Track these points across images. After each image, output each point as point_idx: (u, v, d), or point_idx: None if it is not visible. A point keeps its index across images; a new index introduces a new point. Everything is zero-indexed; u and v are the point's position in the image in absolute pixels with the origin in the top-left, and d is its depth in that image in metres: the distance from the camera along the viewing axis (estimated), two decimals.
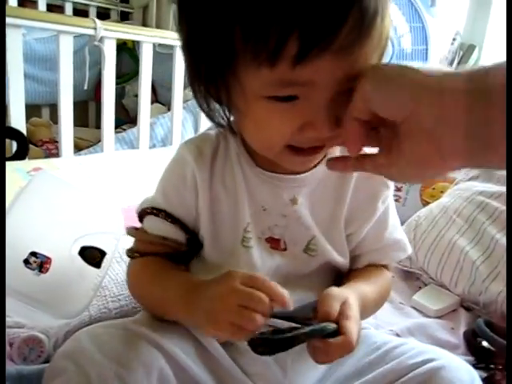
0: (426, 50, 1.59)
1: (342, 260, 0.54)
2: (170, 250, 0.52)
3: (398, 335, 0.77)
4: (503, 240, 0.86)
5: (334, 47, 0.36)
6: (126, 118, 1.99)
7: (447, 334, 0.78)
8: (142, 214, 0.54)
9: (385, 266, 0.58)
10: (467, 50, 1.67)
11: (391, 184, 0.55)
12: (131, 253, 0.54)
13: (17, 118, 1.04)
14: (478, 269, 0.86)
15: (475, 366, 0.61)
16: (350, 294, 0.46)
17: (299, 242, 0.52)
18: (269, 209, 0.51)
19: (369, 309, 0.52)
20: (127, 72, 2.02)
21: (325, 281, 0.54)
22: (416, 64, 0.38)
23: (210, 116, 0.49)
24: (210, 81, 0.43)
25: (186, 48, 0.44)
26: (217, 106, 0.47)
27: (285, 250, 0.52)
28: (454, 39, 1.66)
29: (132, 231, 0.55)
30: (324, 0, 0.35)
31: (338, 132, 0.41)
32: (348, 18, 0.36)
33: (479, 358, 0.71)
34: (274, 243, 0.52)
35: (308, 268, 0.53)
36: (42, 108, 1.96)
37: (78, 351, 0.44)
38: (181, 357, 0.47)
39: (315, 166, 0.51)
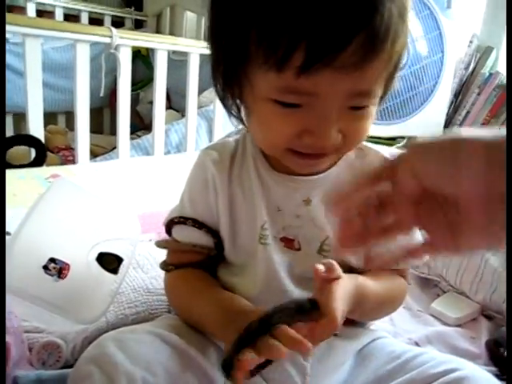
0: (442, 53, 1.57)
1: (354, 261, 0.54)
2: (202, 257, 0.54)
3: (416, 343, 0.75)
4: None
5: (337, 64, 0.38)
6: (140, 124, 2.01)
7: (467, 343, 0.77)
8: (170, 225, 0.56)
9: (401, 274, 0.58)
10: (484, 53, 1.65)
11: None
12: (165, 266, 0.56)
13: (35, 126, 1.05)
14: (501, 275, 0.84)
15: (498, 377, 0.59)
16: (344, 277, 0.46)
17: (313, 242, 0.53)
18: (283, 209, 0.53)
19: (370, 303, 0.51)
20: (141, 79, 2.04)
21: None
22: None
23: (228, 109, 0.51)
24: (227, 77, 0.47)
25: (211, 43, 0.48)
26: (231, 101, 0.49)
27: (299, 249, 0.53)
28: (470, 41, 1.65)
29: (162, 243, 0.57)
30: (334, 17, 0.37)
31: (340, 144, 0.44)
32: (353, 40, 0.37)
33: (502, 369, 0.69)
34: (288, 243, 0.53)
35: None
36: (58, 115, 1.99)
37: (103, 356, 0.44)
38: (205, 364, 0.47)
39: (329, 168, 0.52)
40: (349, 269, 0.54)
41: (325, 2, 0.37)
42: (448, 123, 1.69)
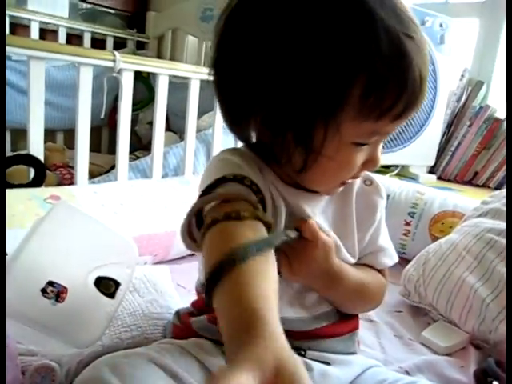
0: (436, 86, 1.62)
1: (351, 259, 0.58)
2: (250, 215, 0.43)
3: (407, 372, 0.76)
4: None
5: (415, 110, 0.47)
6: (138, 144, 2.03)
7: (457, 372, 0.78)
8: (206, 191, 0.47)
9: (380, 272, 0.62)
10: (475, 86, 1.70)
11: (384, 195, 0.62)
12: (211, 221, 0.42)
13: (35, 145, 1.06)
14: (488, 307, 0.85)
15: None
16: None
17: None
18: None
19: (350, 284, 0.56)
20: (141, 100, 2.07)
21: None
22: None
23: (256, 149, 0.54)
24: (303, 128, 0.46)
25: (283, 96, 0.45)
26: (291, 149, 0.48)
27: None
28: (462, 75, 1.70)
29: (200, 200, 0.46)
30: (418, 75, 0.44)
31: None
32: (426, 86, 0.46)
33: None
34: None
35: None
36: (56, 133, 2.00)
37: (97, 380, 0.45)
38: None
39: None
40: None
41: (412, 65, 0.44)
42: (440, 153, 1.73)
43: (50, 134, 1.89)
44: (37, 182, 1.01)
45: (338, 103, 0.44)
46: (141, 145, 2.02)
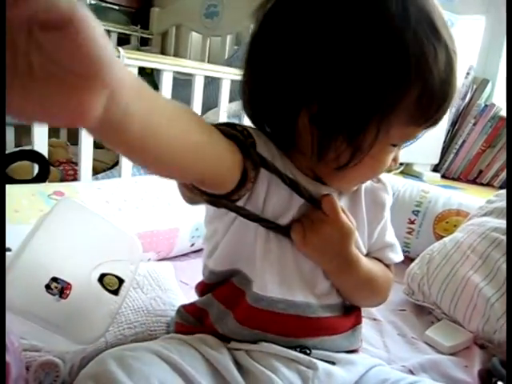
0: None
1: (364, 252, 0.60)
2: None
3: (410, 371, 0.76)
4: None
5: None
6: None
7: (461, 371, 0.77)
8: None
9: (387, 267, 0.63)
10: (481, 84, 1.69)
11: (391, 192, 0.63)
12: None
13: (39, 141, 1.06)
14: (493, 306, 0.85)
15: None
16: None
17: None
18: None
19: (362, 272, 0.57)
20: None
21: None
22: None
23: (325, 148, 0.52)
24: (359, 127, 0.47)
25: (342, 95, 0.46)
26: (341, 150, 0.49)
27: None
28: (467, 73, 1.69)
29: None
30: (452, 83, 0.48)
31: None
32: None
33: None
34: None
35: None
36: (60, 129, 2.00)
37: (103, 373, 0.45)
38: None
39: None
40: None
41: (455, 78, 0.48)
42: (445, 151, 1.72)
43: (53, 130, 1.89)
44: (41, 178, 1.01)
45: (395, 106, 0.46)
46: None
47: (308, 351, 0.56)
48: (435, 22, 0.46)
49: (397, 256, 0.63)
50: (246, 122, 0.55)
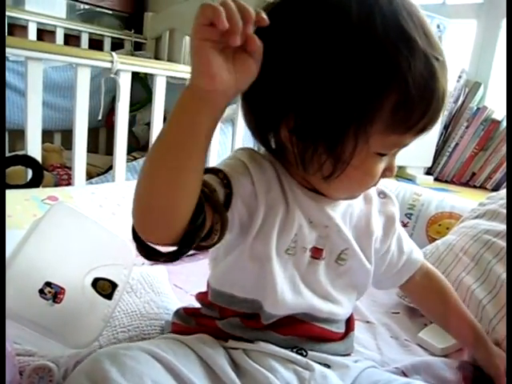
0: None
1: (368, 265, 0.60)
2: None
3: (403, 373, 0.76)
4: None
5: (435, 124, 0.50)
6: (136, 145, 2.03)
7: (453, 373, 0.78)
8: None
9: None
10: (473, 87, 1.71)
11: (396, 203, 0.66)
12: None
13: (33, 146, 1.07)
14: (485, 308, 0.86)
15: None
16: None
17: (334, 251, 0.58)
18: (314, 222, 0.56)
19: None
20: (138, 100, 2.07)
21: (347, 291, 0.60)
22: None
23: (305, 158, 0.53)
24: (335, 137, 0.48)
25: (314, 107, 0.47)
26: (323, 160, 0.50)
27: (324, 258, 0.57)
28: (459, 76, 1.70)
29: None
30: (439, 92, 0.47)
31: None
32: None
33: None
34: (316, 253, 0.57)
35: (335, 277, 0.59)
36: (54, 134, 2.00)
37: (97, 371, 0.45)
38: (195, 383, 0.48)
39: None
40: (357, 280, 0.61)
41: (438, 85, 0.47)
42: (438, 154, 1.74)
43: (47, 135, 1.89)
44: (34, 183, 1.01)
45: (370, 116, 0.46)
46: (138, 146, 2.03)
47: (304, 353, 0.56)
48: (407, 31, 0.45)
49: (421, 254, 0.70)
50: (240, 127, 0.57)
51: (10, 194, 0.90)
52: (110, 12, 2.26)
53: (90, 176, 1.44)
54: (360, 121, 0.46)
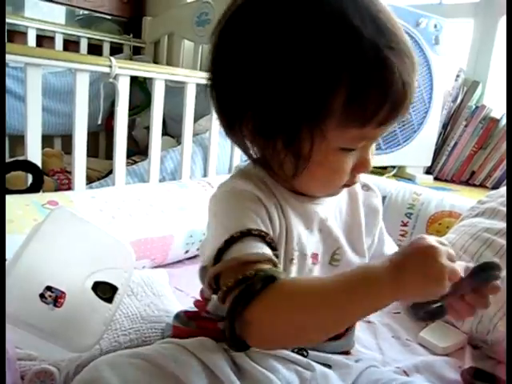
0: (431, 86, 1.63)
1: (360, 259, 0.60)
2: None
3: (404, 372, 0.77)
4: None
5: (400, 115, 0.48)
6: (136, 148, 2.03)
7: (454, 372, 0.78)
8: (220, 254, 0.47)
9: None
10: (471, 86, 1.71)
11: (380, 196, 0.66)
12: (225, 285, 0.44)
13: (33, 151, 1.07)
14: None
15: None
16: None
17: (327, 254, 0.58)
18: (310, 227, 0.56)
19: None
20: (138, 104, 2.08)
21: None
22: None
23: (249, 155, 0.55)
24: (292, 134, 0.48)
25: (272, 103, 0.47)
26: (283, 157, 0.50)
27: (319, 262, 0.57)
28: (457, 75, 1.71)
29: (217, 268, 0.47)
30: (401, 85, 0.45)
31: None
32: (411, 92, 0.47)
33: None
34: (314, 258, 0.57)
35: None
36: (54, 138, 2.01)
37: (97, 379, 0.45)
38: None
39: None
40: None
41: (394, 74, 0.45)
42: (437, 153, 1.74)
43: (47, 140, 1.90)
44: (35, 188, 1.01)
45: (321, 111, 0.45)
46: (138, 149, 2.03)
47: (305, 353, 0.57)
48: (350, 19, 0.44)
49: (395, 247, 0.67)
50: None
51: (10, 200, 0.90)
52: (109, 17, 2.27)
53: (90, 180, 1.45)
54: (311, 116, 0.46)
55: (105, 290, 0.64)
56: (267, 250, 0.47)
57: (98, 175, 1.64)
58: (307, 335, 0.44)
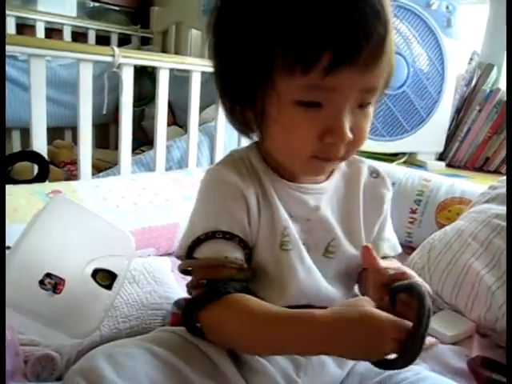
0: (443, 70, 1.59)
1: (355, 252, 0.58)
2: (234, 272, 0.51)
3: None
4: None
5: (354, 64, 0.44)
6: (145, 139, 2.04)
7: (462, 360, 0.76)
8: (192, 248, 0.53)
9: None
10: (485, 70, 1.66)
11: (390, 187, 0.62)
12: (195, 284, 0.53)
13: (38, 141, 1.08)
14: (494, 294, 0.84)
15: None
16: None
17: (319, 246, 0.56)
18: (295, 216, 0.55)
19: None
20: (147, 95, 2.08)
21: (341, 286, 0.58)
22: None
23: (242, 130, 0.56)
24: (245, 90, 0.49)
25: (220, 59, 0.51)
26: (250, 116, 0.52)
27: (312, 253, 0.56)
28: (471, 59, 1.66)
29: (185, 264, 0.54)
30: (353, 25, 0.43)
31: (351, 144, 0.48)
32: (369, 43, 0.43)
33: None
34: (307, 249, 0.55)
35: (326, 270, 0.56)
36: (64, 130, 2.02)
37: (91, 369, 0.45)
38: (193, 377, 0.48)
39: (329, 176, 0.58)
40: (349, 273, 0.59)
41: (343, 12, 0.43)
42: (450, 139, 1.70)
43: (58, 132, 1.91)
44: (40, 178, 1.02)
45: (263, 62, 0.46)
46: (147, 140, 2.04)
47: None
48: None
49: (392, 251, 0.63)
50: None
51: (14, 189, 0.91)
52: (117, 8, 2.26)
53: (99, 171, 1.46)
54: (256, 68, 0.47)
55: (104, 277, 0.65)
56: (234, 254, 0.51)
57: (108, 166, 1.65)
58: (246, 351, 0.51)
